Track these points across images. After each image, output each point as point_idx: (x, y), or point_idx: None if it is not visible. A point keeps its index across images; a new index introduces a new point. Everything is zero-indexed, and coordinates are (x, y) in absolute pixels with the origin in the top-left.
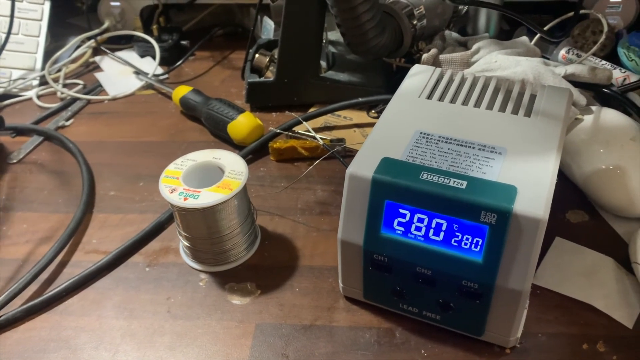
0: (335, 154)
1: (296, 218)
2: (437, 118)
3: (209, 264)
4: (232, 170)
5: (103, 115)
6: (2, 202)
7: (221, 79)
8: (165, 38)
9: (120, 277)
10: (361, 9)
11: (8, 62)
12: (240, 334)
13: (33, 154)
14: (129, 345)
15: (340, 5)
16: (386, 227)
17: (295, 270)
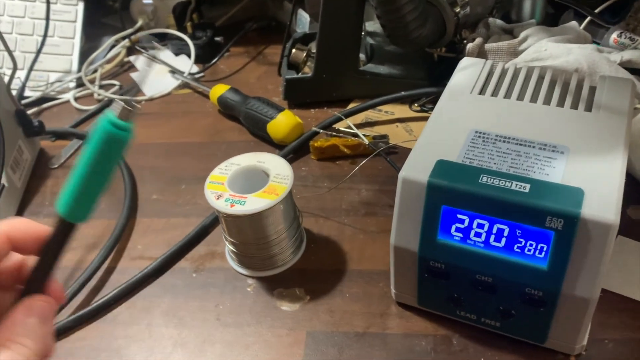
0: (381, 153)
1: (341, 220)
2: (492, 115)
3: (255, 269)
4: (277, 174)
5: (140, 116)
6: (47, 209)
7: (257, 76)
8: (199, 35)
9: (167, 283)
10: (403, 1)
11: (45, 65)
12: (292, 342)
13: (73, 158)
14: (180, 355)
15: None
16: (443, 233)
17: (344, 274)
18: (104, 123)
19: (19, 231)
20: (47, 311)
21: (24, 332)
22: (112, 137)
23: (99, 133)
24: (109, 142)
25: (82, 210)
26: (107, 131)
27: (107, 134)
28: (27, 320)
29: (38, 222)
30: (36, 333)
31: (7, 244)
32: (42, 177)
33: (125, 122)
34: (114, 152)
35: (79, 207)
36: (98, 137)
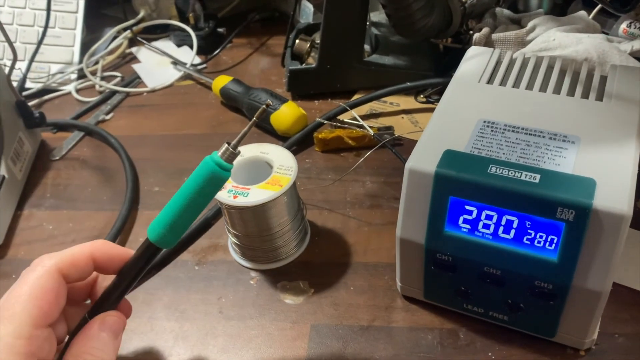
0: (386, 144)
1: (346, 212)
2: (500, 105)
3: (259, 262)
4: (280, 165)
5: (143, 108)
6: (48, 201)
7: (260, 67)
8: (202, 26)
9: (169, 276)
10: None
11: (46, 56)
12: (296, 336)
13: (75, 150)
14: (182, 349)
15: None
16: (450, 224)
17: (348, 267)
18: (211, 163)
19: (102, 252)
20: (119, 327)
21: (99, 345)
22: (216, 176)
23: (205, 171)
24: (212, 180)
25: (172, 238)
26: (213, 170)
27: (213, 172)
28: (101, 334)
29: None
30: (109, 347)
31: (92, 264)
32: (43, 169)
33: (228, 164)
34: (214, 189)
35: (170, 235)
36: (203, 174)
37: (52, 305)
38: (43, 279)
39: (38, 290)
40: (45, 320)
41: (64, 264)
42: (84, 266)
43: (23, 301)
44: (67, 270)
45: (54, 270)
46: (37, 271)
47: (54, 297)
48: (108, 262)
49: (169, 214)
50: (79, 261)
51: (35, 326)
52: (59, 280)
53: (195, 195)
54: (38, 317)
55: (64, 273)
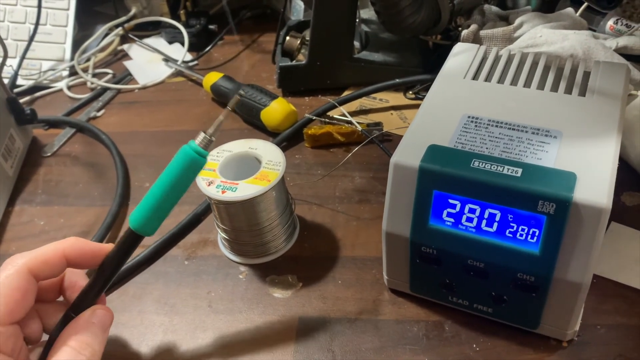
0: (374, 140)
1: (335, 207)
2: (485, 100)
3: (248, 256)
4: (269, 160)
5: (134, 104)
6: (39, 197)
7: (251, 64)
8: (193, 23)
9: (159, 271)
10: None
11: (37, 53)
12: (284, 329)
13: (66, 147)
14: (171, 342)
15: None
16: (435, 218)
17: (336, 261)
18: (189, 150)
19: (74, 249)
20: (107, 320)
21: (89, 338)
22: (193, 162)
23: (183, 158)
24: (191, 166)
25: (153, 225)
26: (190, 157)
27: (190, 159)
28: (91, 327)
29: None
30: (98, 338)
31: (64, 261)
32: (35, 165)
33: (204, 150)
34: (192, 175)
35: (152, 222)
36: (181, 161)
37: (18, 303)
38: (11, 277)
39: (5, 288)
40: (10, 317)
41: (34, 263)
42: (56, 264)
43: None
44: (38, 268)
45: (23, 270)
46: (7, 270)
47: (21, 295)
48: (81, 258)
49: (149, 202)
50: (49, 259)
51: (2, 323)
52: (28, 278)
53: (175, 182)
54: (3, 315)
55: (35, 272)
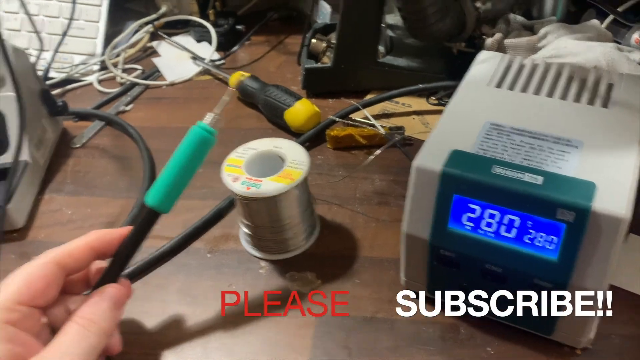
0: (396, 143)
1: (355, 208)
2: (508, 108)
3: (269, 252)
4: (293, 159)
5: (162, 100)
6: (68, 187)
7: (276, 65)
8: (221, 23)
9: (182, 263)
10: None
11: (70, 47)
12: (302, 324)
13: (95, 139)
14: (191, 332)
15: None
16: (454, 222)
17: (355, 260)
18: (199, 130)
19: (97, 239)
20: (119, 297)
21: (94, 311)
22: (204, 140)
23: (194, 137)
24: (201, 144)
25: (168, 202)
26: (201, 135)
27: (201, 137)
28: (99, 302)
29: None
30: (106, 314)
31: (91, 253)
32: (64, 156)
33: (213, 129)
34: (203, 152)
35: (168, 200)
36: (193, 140)
37: (40, 288)
38: (38, 266)
39: (29, 275)
40: (30, 299)
41: (61, 256)
42: (81, 256)
43: (14, 282)
44: (65, 261)
45: (51, 261)
46: (37, 260)
47: (44, 283)
48: (106, 247)
49: (165, 180)
50: (75, 252)
51: (18, 301)
52: (53, 270)
53: (188, 160)
54: (22, 295)
55: (62, 264)
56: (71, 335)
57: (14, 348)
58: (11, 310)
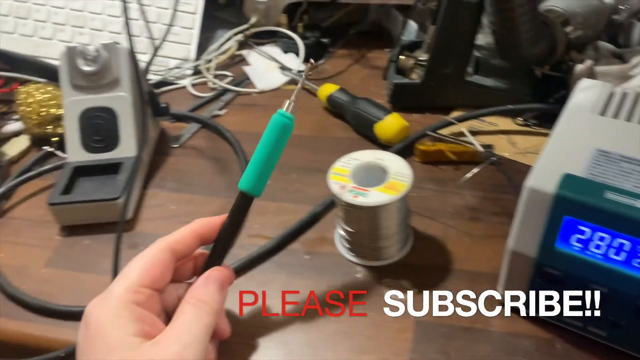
0: (495, 163)
1: (446, 221)
2: (613, 136)
3: (365, 258)
4: (397, 172)
5: (252, 107)
6: (169, 183)
7: (360, 78)
8: (308, 35)
9: (282, 262)
10: (521, 19)
11: (166, 51)
12: (401, 328)
13: (192, 140)
14: (293, 328)
15: (501, 14)
16: (562, 241)
17: (448, 272)
18: (277, 117)
19: (202, 226)
20: (223, 279)
21: (205, 292)
22: (284, 126)
23: (276, 124)
24: (282, 129)
25: (260, 186)
26: (282, 122)
27: (282, 124)
28: (208, 284)
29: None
30: (214, 296)
31: (196, 239)
32: (164, 154)
33: (291, 115)
34: (285, 137)
35: (258, 183)
36: (276, 127)
37: (158, 272)
38: (154, 253)
39: (148, 259)
40: (150, 282)
41: (172, 243)
42: (189, 242)
43: (135, 267)
44: (175, 247)
45: (165, 248)
46: (153, 246)
47: (161, 266)
48: (210, 232)
49: (255, 166)
50: (183, 239)
51: (141, 285)
52: (167, 255)
53: (273, 146)
54: (144, 278)
55: (174, 250)
56: (188, 314)
57: (143, 326)
58: (137, 292)
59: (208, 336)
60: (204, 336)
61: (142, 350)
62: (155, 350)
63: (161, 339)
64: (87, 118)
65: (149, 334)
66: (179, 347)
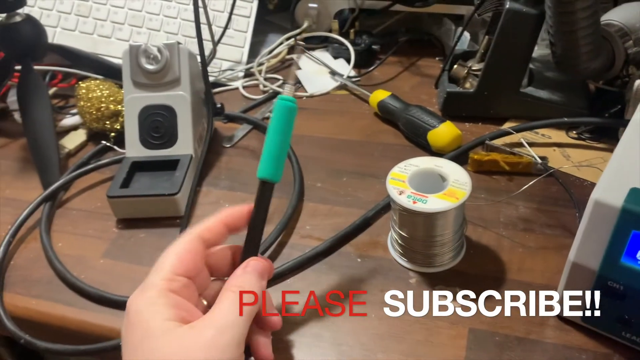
0: (555, 175)
1: (499, 232)
2: None
3: (418, 264)
4: (456, 179)
5: (302, 110)
6: (223, 182)
7: (410, 85)
8: (359, 42)
9: (334, 264)
10: (582, 33)
11: (220, 54)
12: (455, 335)
13: (244, 140)
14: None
15: (562, 27)
16: (628, 256)
17: (502, 282)
18: (281, 101)
19: (230, 216)
20: (262, 268)
21: (244, 280)
22: (288, 109)
23: (280, 108)
24: (287, 113)
25: (276, 170)
26: (286, 106)
27: (286, 107)
28: (245, 273)
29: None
30: (252, 283)
31: (225, 227)
32: (216, 153)
33: (293, 98)
34: (291, 120)
35: (274, 168)
36: (280, 110)
37: (190, 260)
38: (185, 241)
39: (180, 248)
40: (183, 270)
41: (203, 232)
42: (218, 230)
43: (169, 257)
44: (206, 235)
45: (195, 236)
46: (183, 237)
47: (192, 254)
48: (238, 221)
49: (269, 154)
50: (212, 227)
51: (175, 273)
52: (198, 244)
53: (282, 131)
54: (177, 267)
55: (204, 238)
56: (226, 301)
57: (179, 312)
58: (171, 280)
59: (246, 323)
60: (241, 322)
61: (178, 333)
62: (191, 333)
63: (197, 324)
64: (146, 115)
65: (185, 319)
66: (214, 331)
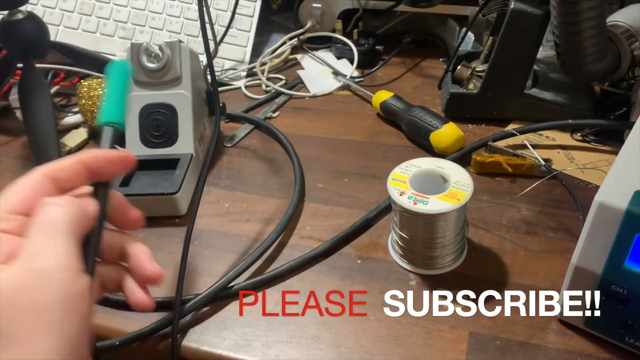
0: (558, 177)
1: (502, 234)
2: None
3: (418, 266)
4: (457, 181)
5: (305, 110)
6: (223, 181)
7: (414, 86)
8: (362, 42)
9: (334, 265)
10: (587, 33)
11: (222, 53)
12: (455, 339)
13: (245, 140)
14: (344, 330)
15: (567, 27)
16: (632, 260)
17: (504, 286)
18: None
19: (91, 157)
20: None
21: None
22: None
23: (113, 67)
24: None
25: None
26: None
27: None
28: None
29: None
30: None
31: (83, 169)
32: (218, 153)
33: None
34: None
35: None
36: (113, 68)
37: (30, 196)
38: (26, 179)
39: (19, 186)
40: (24, 209)
41: (51, 169)
42: (72, 169)
43: (5, 195)
44: (55, 173)
45: (39, 173)
46: (28, 174)
47: (33, 191)
48: (102, 166)
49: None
50: (65, 166)
51: (10, 211)
52: (42, 180)
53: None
54: (15, 205)
55: (52, 175)
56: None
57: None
58: (6, 219)
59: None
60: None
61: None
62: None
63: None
64: (147, 114)
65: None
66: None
